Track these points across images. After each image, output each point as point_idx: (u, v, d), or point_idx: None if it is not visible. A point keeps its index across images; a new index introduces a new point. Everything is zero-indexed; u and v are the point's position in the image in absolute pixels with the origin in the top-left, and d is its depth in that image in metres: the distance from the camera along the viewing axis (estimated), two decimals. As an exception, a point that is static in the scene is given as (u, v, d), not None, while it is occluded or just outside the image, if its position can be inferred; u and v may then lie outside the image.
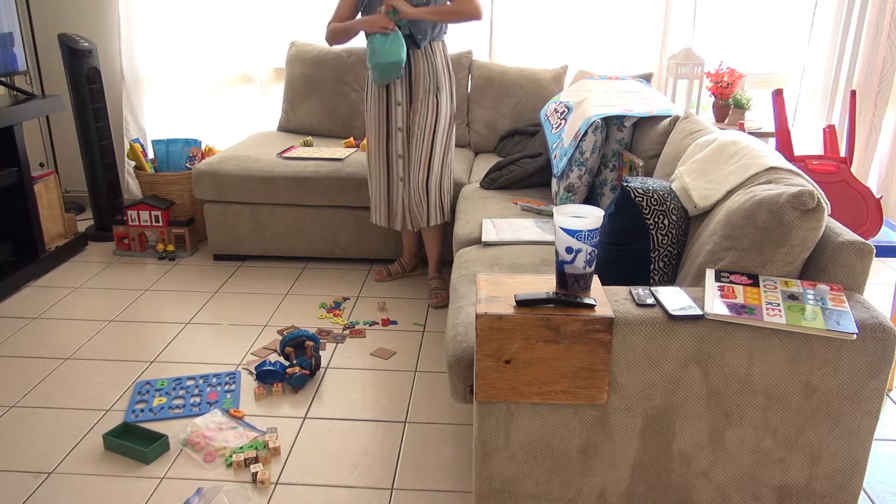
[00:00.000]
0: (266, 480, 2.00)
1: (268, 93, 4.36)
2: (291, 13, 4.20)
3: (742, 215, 1.62)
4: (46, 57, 4.30)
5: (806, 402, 1.53)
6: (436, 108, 2.94)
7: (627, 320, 1.49)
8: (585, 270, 1.54)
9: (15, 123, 3.33)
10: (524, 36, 4.10)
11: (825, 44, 3.90)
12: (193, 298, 3.24)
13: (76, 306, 3.15)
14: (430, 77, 2.91)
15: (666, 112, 2.69)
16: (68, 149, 4.46)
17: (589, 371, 1.51)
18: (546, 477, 1.63)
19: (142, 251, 3.77)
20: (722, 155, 1.96)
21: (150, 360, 2.70)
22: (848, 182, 2.38)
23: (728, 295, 1.53)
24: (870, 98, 3.89)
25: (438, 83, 2.93)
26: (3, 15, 3.39)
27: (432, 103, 2.93)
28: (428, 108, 2.93)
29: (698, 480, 1.62)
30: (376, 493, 1.99)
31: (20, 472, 2.07)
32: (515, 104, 3.89)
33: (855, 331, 1.43)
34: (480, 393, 1.55)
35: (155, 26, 4.14)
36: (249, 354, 2.73)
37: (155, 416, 2.33)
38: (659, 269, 1.92)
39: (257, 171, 3.47)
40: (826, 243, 1.58)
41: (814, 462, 1.58)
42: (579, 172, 2.80)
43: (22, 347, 2.79)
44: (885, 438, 2.24)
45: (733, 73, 3.74)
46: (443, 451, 2.17)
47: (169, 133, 4.30)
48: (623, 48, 4.06)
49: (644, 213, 1.90)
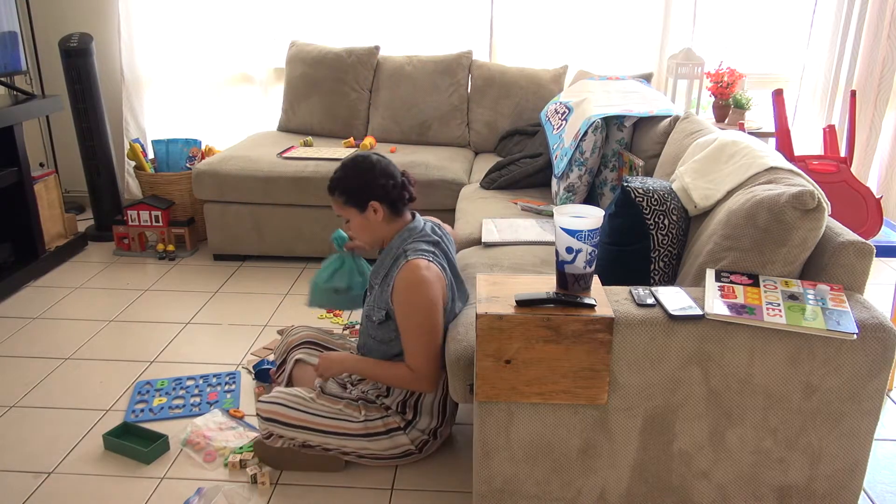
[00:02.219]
0: (266, 481, 2.00)
1: (268, 93, 4.35)
2: (291, 13, 4.20)
3: (742, 215, 1.62)
4: (46, 57, 4.30)
5: (806, 402, 1.52)
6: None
7: (627, 320, 1.48)
8: (585, 270, 1.54)
9: (15, 123, 3.33)
10: (524, 36, 4.10)
11: (825, 44, 3.90)
12: (193, 298, 3.24)
13: (76, 306, 3.15)
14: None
15: (666, 112, 2.69)
16: (68, 149, 4.45)
17: (589, 371, 1.51)
18: (546, 477, 1.63)
19: (142, 251, 3.77)
20: (722, 155, 1.96)
21: (150, 360, 2.70)
22: (848, 182, 2.38)
23: (728, 295, 1.52)
24: (870, 98, 3.88)
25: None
26: (4, 15, 3.39)
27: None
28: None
29: (698, 480, 1.62)
30: (376, 493, 1.99)
31: (20, 472, 2.07)
32: (515, 104, 3.89)
33: (855, 331, 1.43)
34: (480, 393, 1.55)
35: (155, 26, 4.14)
36: (249, 354, 2.73)
37: (155, 416, 2.33)
38: (659, 269, 1.92)
39: (257, 171, 3.46)
40: (826, 243, 1.58)
41: (814, 462, 1.58)
42: (579, 172, 2.80)
43: (22, 347, 2.79)
44: (885, 438, 2.23)
45: (733, 73, 3.74)
46: (443, 451, 2.17)
47: (169, 133, 4.29)
48: (623, 48, 4.06)
49: (644, 213, 1.90)
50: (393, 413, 2.03)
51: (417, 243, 2.00)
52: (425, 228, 2.06)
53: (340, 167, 2.03)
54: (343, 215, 2.05)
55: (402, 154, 3.65)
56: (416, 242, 2.01)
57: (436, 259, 1.99)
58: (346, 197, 2.01)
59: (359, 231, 2.06)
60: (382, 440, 2.02)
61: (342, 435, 2.01)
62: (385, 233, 2.05)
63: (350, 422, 2.01)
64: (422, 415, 2.04)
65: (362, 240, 2.09)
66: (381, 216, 2.01)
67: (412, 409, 2.04)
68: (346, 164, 2.03)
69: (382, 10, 4.13)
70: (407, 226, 2.05)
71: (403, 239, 2.02)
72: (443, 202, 3.43)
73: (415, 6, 4.11)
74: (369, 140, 3.77)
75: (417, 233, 2.03)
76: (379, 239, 2.07)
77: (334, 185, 2.02)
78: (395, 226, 2.05)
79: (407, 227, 2.04)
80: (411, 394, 2.03)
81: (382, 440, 2.02)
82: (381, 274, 2.04)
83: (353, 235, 2.09)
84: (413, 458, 2.09)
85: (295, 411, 2.01)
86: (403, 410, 2.04)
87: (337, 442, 2.01)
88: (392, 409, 2.04)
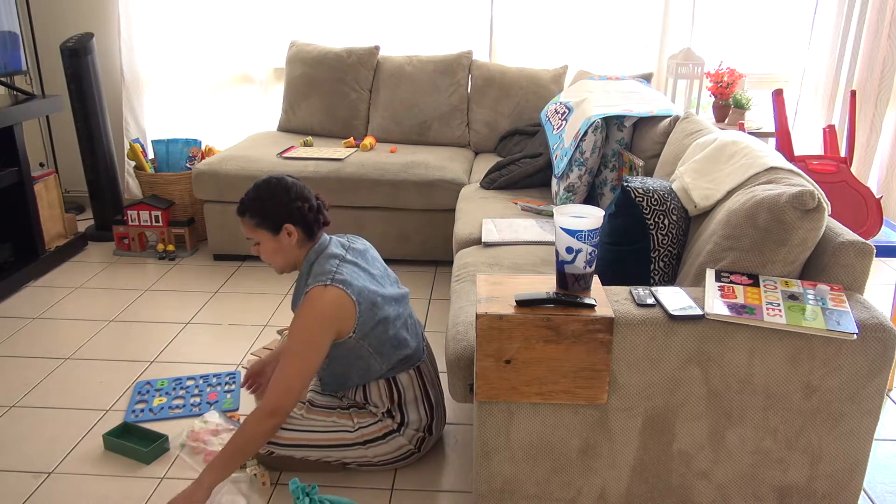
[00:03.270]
0: (266, 481, 2.00)
1: (268, 93, 4.36)
2: (291, 13, 4.20)
3: (742, 215, 1.62)
4: (46, 57, 4.30)
5: (806, 402, 1.52)
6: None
7: (627, 320, 1.48)
8: (585, 270, 1.54)
9: (15, 123, 3.33)
10: (524, 36, 4.10)
11: (825, 44, 3.90)
12: (193, 298, 3.24)
13: (76, 306, 3.15)
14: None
15: (666, 112, 2.69)
16: (68, 149, 4.46)
17: (589, 371, 1.51)
18: (546, 477, 1.63)
19: (142, 251, 3.77)
20: (722, 155, 1.96)
21: (150, 360, 2.70)
22: (848, 182, 2.38)
23: (728, 295, 1.52)
24: (870, 98, 3.88)
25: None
26: (4, 15, 3.39)
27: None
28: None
29: (698, 480, 1.62)
30: (376, 493, 1.99)
31: (20, 472, 2.07)
32: (515, 104, 3.89)
33: (855, 331, 1.43)
34: (480, 393, 1.55)
35: (155, 26, 4.14)
36: (249, 354, 2.73)
37: (155, 416, 2.33)
38: (659, 269, 1.92)
39: (257, 171, 3.46)
40: (826, 243, 1.58)
41: (814, 462, 1.58)
42: (579, 172, 2.80)
43: (22, 347, 2.79)
44: (885, 438, 2.23)
45: (733, 73, 3.74)
46: (443, 451, 2.17)
47: (169, 133, 4.30)
48: (623, 48, 4.06)
49: (644, 213, 1.90)
50: (384, 417, 2.03)
51: (320, 264, 1.94)
52: (330, 244, 2.00)
53: (253, 188, 1.95)
54: (253, 238, 1.97)
55: (402, 154, 3.65)
56: (319, 263, 1.95)
57: (339, 268, 1.92)
58: (259, 219, 1.92)
59: (270, 255, 1.98)
60: (380, 445, 2.01)
61: (340, 446, 2.00)
62: (297, 256, 2.00)
63: (345, 432, 2.00)
64: (410, 415, 2.04)
65: (274, 264, 2.01)
66: (294, 239, 1.95)
67: (398, 411, 2.03)
68: (260, 186, 1.94)
69: (382, 10, 4.13)
70: (316, 246, 1.99)
71: (311, 262, 1.97)
72: (443, 202, 3.43)
73: (415, 6, 4.11)
74: (369, 140, 3.77)
75: (323, 250, 1.98)
76: (291, 263, 2.01)
77: (246, 207, 1.93)
78: (306, 249, 2.00)
79: (315, 249, 1.99)
80: (391, 400, 2.02)
81: (380, 445, 2.01)
82: (299, 300, 1.98)
83: (264, 259, 2.00)
84: (414, 458, 2.09)
85: (288, 432, 1.99)
86: (392, 416, 2.04)
87: (337, 454, 2.01)
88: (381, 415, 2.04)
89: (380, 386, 2.02)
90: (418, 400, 2.05)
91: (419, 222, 3.51)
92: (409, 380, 2.04)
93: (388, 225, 3.52)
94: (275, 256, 1.98)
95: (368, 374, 2.00)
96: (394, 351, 2.00)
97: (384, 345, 1.98)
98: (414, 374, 2.05)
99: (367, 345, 1.96)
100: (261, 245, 1.97)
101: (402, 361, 2.02)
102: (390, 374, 2.02)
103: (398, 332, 2.00)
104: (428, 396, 2.07)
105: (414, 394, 2.04)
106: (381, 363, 1.99)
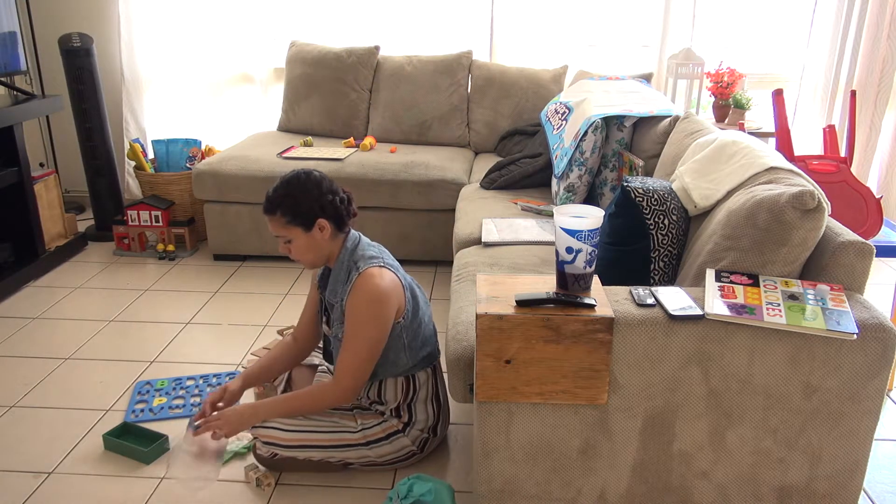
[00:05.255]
0: (271, 482, 2.00)
1: (268, 93, 4.36)
2: (291, 13, 4.20)
3: (743, 215, 1.62)
4: (46, 57, 4.30)
5: (806, 402, 1.52)
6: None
7: (627, 320, 1.48)
8: (585, 270, 1.54)
9: (15, 123, 3.33)
10: (524, 36, 4.10)
11: (825, 44, 3.90)
12: (193, 298, 3.24)
13: (76, 306, 3.15)
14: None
15: (666, 112, 2.69)
16: (68, 149, 4.46)
17: (589, 371, 1.51)
18: (546, 477, 1.63)
19: (142, 251, 3.77)
20: (722, 155, 1.96)
21: (150, 360, 2.70)
22: (848, 182, 2.38)
23: (728, 295, 1.52)
24: (870, 98, 3.88)
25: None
26: (4, 15, 3.39)
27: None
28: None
29: (698, 480, 1.62)
30: (376, 493, 1.99)
31: (20, 472, 2.07)
32: (515, 104, 3.89)
33: (855, 331, 1.43)
34: (480, 393, 1.55)
35: (155, 26, 4.14)
36: (249, 354, 2.73)
37: (155, 416, 2.33)
38: (659, 269, 1.92)
39: (257, 171, 3.46)
40: (826, 243, 1.58)
41: (814, 462, 1.58)
42: (579, 172, 2.80)
43: (22, 347, 2.79)
44: (885, 438, 2.23)
45: (733, 73, 3.74)
46: (443, 451, 2.17)
47: (169, 133, 4.30)
48: (623, 48, 4.06)
49: (644, 213, 1.90)
50: (389, 417, 2.03)
51: (365, 251, 1.95)
52: (363, 239, 2.00)
53: (282, 184, 1.88)
54: (283, 236, 1.90)
55: (402, 154, 3.65)
56: (362, 249, 1.95)
57: (385, 262, 1.94)
58: (291, 216, 1.87)
59: (303, 252, 1.92)
60: (384, 446, 2.01)
61: (342, 447, 2.00)
62: (330, 250, 1.96)
63: (348, 432, 2.00)
64: (417, 414, 2.04)
65: (305, 260, 1.95)
66: (327, 234, 1.91)
67: (406, 411, 2.03)
68: (290, 181, 1.88)
69: (382, 10, 4.13)
70: (349, 238, 1.98)
71: (351, 251, 1.95)
72: (443, 202, 3.43)
73: (415, 6, 4.11)
74: (369, 140, 3.77)
75: (358, 241, 1.98)
76: (323, 257, 1.96)
77: (276, 204, 1.86)
78: (338, 242, 1.97)
79: (350, 239, 1.97)
80: (404, 397, 2.03)
81: (384, 446, 2.01)
82: (338, 291, 1.96)
83: (294, 256, 1.95)
84: (416, 459, 2.09)
85: (290, 433, 1.99)
86: (399, 415, 2.04)
87: (339, 454, 2.01)
88: (387, 415, 2.04)
89: (397, 382, 2.02)
90: (429, 398, 2.06)
91: (419, 222, 3.51)
92: (425, 378, 2.05)
93: (388, 225, 3.53)
94: (307, 253, 1.93)
95: (394, 368, 2.00)
96: (421, 347, 2.02)
97: (416, 339, 2.00)
98: (430, 373, 2.06)
99: (405, 336, 1.97)
100: (292, 242, 1.91)
101: (424, 359, 2.04)
102: (412, 371, 2.02)
103: (426, 328, 2.04)
104: (437, 396, 2.08)
105: (426, 392, 2.05)
106: (409, 358, 2.00)
